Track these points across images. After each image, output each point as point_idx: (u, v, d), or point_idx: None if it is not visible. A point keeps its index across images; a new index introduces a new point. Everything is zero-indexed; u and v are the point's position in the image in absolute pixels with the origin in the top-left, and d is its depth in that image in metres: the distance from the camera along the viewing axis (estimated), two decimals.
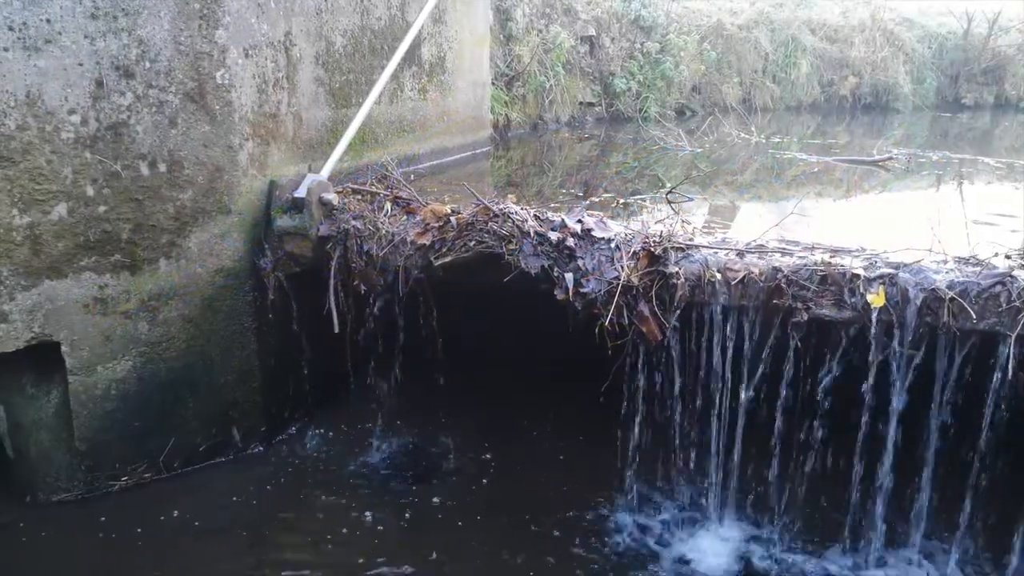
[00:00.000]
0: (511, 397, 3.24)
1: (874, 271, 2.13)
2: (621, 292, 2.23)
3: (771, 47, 8.24)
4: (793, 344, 2.19)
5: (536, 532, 2.52)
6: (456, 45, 4.14)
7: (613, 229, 2.41)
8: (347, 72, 3.20)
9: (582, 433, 3.03)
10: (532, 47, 5.82)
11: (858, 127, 7.63)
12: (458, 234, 2.46)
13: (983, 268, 2.09)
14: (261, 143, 2.74)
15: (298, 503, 2.66)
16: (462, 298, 2.77)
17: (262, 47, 2.69)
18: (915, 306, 2.05)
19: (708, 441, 2.41)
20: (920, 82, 9.05)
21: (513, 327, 2.99)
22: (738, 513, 2.52)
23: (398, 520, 2.57)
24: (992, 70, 9.43)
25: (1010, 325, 1.98)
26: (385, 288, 2.61)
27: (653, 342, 2.26)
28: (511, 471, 2.88)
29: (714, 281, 2.22)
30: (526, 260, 2.31)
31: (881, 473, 2.25)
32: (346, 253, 2.65)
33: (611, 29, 6.81)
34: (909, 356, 2.11)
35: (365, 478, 2.83)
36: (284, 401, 3.05)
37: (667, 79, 7.14)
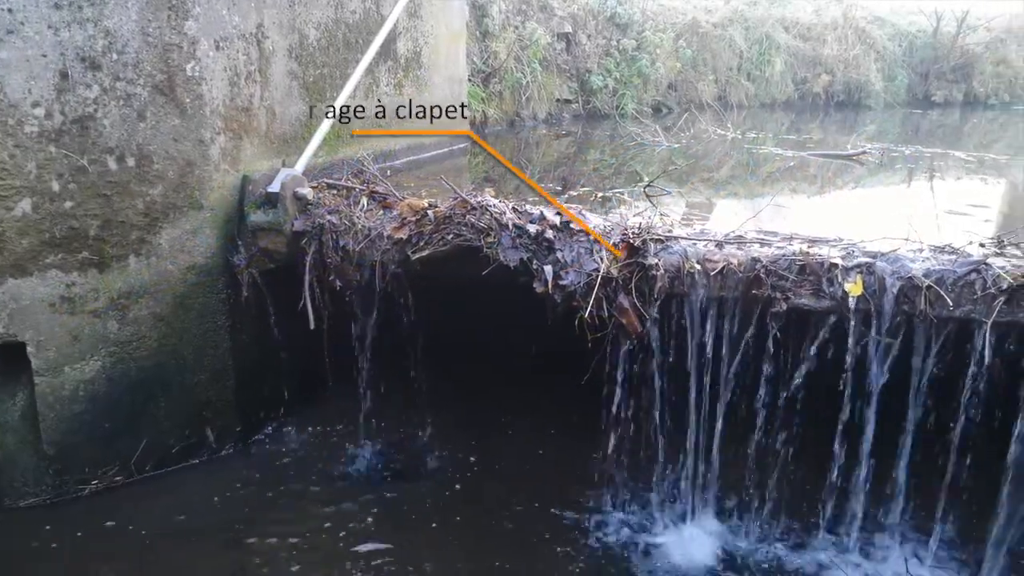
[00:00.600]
0: (491, 391, 3.22)
1: (852, 260, 2.13)
2: (600, 284, 2.22)
3: (745, 45, 8.31)
4: (772, 334, 2.19)
5: (517, 528, 2.50)
6: (432, 40, 4.11)
7: (592, 221, 2.39)
8: (321, 66, 3.15)
9: (563, 427, 3.02)
10: (509, 44, 5.80)
11: (831, 124, 7.71)
12: (436, 228, 2.43)
13: (958, 256, 2.11)
14: (233, 137, 2.69)
15: (275, 504, 2.61)
16: (441, 292, 2.74)
17: (233, 39, 2.64)
18: (892, 294, 2.06)
19: (688, 433, 2.40)
20: (891, 79, 9.18)
21: (493, 321, 2.97)
22: (719, 504, 2.51)
23: (378, 519, 2.54)
24: (961, 68, 9.60)
25: (985, 312, 1.99)
26: (362, 283, 2.57)
27: (633, 334, 2.25)
28: (492, 467, 2.85)
29: (693, 272, 2.22)
30: (505, 253, 2.29)
31: (860, 460, 2.26)
32: (321, 248, 2.60)
33: (587, 26, 6.82)
34: (887, 344, 2.12)
35: (344, 477, 2.79)
36: (260, 400, 2.99)
37: (643, 76, 7.17)
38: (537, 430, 3.05)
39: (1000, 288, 1.97)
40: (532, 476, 2.78)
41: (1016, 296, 1.97)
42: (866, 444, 2.24)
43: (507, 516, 2.56)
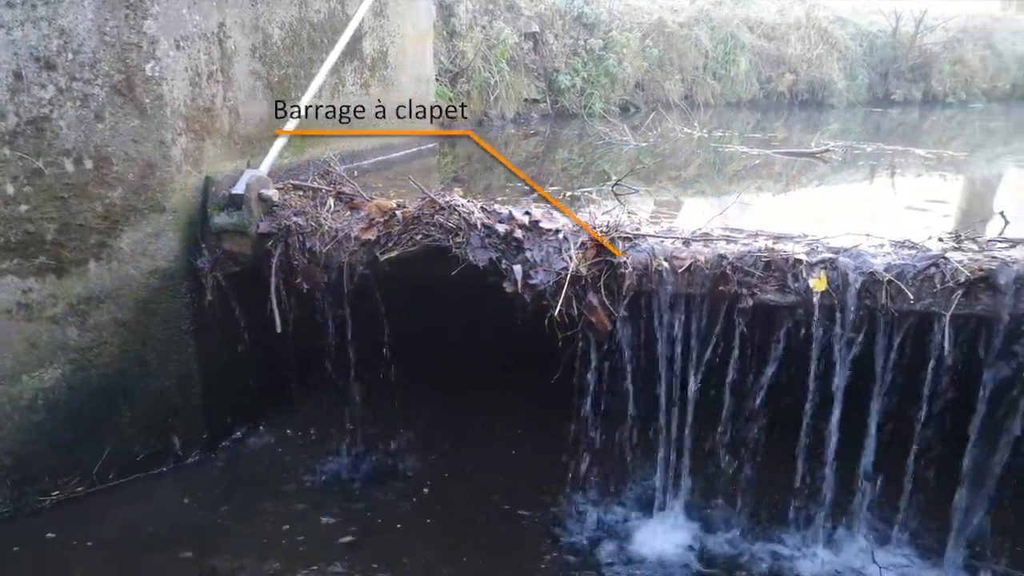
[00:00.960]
0: (464, 392, 3.21)
1: (816, 256, 2.17)
2: (570, 283, 2.22)
3: (711, 45, 8.39)
4: (739, 330, 2.21)
5: (492, 528, 2.49)
6: (399, 40, 4.08)
7: (560, 220, 2.40)
8: (286, 66, 3.11)
9: (535, 426, 3.02)
10: (476, 43, 5.79)
11: (796, 122, 7.83)
12: (404, 228, 2.41)
13: (918, 251, 2.15)
14: (196, 138, 2.64)
15: (244, 511, 2.57)
16: (411, 293, 2.72)
17: (194, 38, 2.59)
18: (855, 289, 2.09)
19: (659, 430, 2.41)
20: (853, 79, 9.34)
21: (464, 321, 2.95)
22: (690, 501, 2.53)
23: (350, 523, 2.51)
24: (919, 67, 9.80)
25: (944, 305, 2.04)
26: (330, 285, 2.54)
27: (602, 332, 2.26)
28: (465, 467, 2.85)
29: (661, 269, 2.23)
30: (474, 253, 2.28)
31: (826, 453, 2.29)
32: (288, 250, 2.57)
33: (554, 26, 6.83)
34: (851, 338, 2.15)
35: (315, 482, 2.76)
36: (227, 406, 2.94)
37: (611, 76, 7.20)
38: (510, 430, 3.05)
39: (958, 281, 2.02)
40: (506, 476, 2.78)
41: (973, 289, 2.02)
42: (832, 437, 2.27)
43: (481, 516, 2.55)
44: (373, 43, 3.83)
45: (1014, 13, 11.86)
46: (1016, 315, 1.98)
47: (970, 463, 2.16)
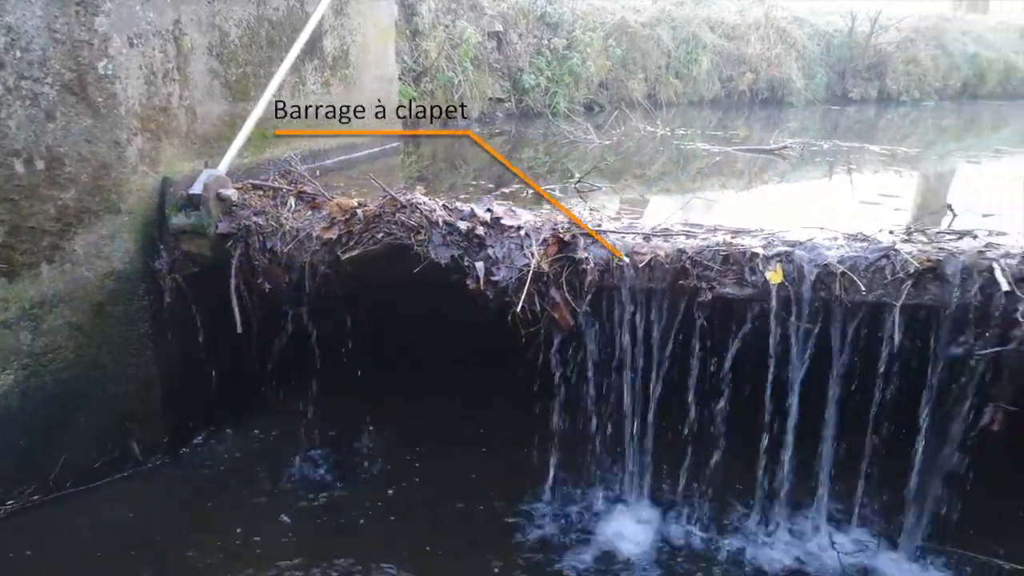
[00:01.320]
0: (429, 391, 3.20)
1: (772, 249, 2.21)
2: (532, 279, 2.23)
3: (673, 44, 8.50)
4: (699, 323, 2.25)
5: (461, 527, 2.49)
6: (360, 38, 4.05)
7: (522, 217, 2.41)
8: (244, 64, 3.07)
9: (502, 423, 3.02)
10: (439, 42, 5.78)
11: (756, 121, 7.96)
12: (365, 227, 2.40)
13: (870, 243, 2.21)
14: (152, 138, 2.60)
15: (207, 516, 2.54)
16: (374, 292, 2.70)
17: (149, 36, 2.55)
18: (810, 281, 2.14)
19: (623, 424, 2.44)
20: (811, 77, 9.53)
21: (428, 319, 2.95)
22: (655, 493, 2.57)
23: (319, 526, 2.49)
24: (875, 66, 10.05)
25: (895, 295, 2.09)
26: (291, 286, 2.52)
27: (565, 328, 2.28)
28: (434, 466, 2.84)
29: (622, 265, 2.26)
30: (435, 250, 2.28)
31: (786, 443, 2.34)
32: (248, 251, 2.54)
33: (518, 25, 6.85)
34: (807, 329, 2.20)
35: (281, 485, 2.73)
36: (189, 410, 2.90)
37: (575, 75, 7.24)
38: (476, 427, 3.05)
39: (908, 272, 2.08)
40: (473, 473, 2.78)
41: (922, 279, 2.08)
42: (791, 427, 2.32)
43: (449, 514, 2.55)
44: (334, 42, 3.81)
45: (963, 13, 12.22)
46: (963, 304, 2.04)
47: (922, 449, 2.22)
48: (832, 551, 2.36)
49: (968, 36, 10.93)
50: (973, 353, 2.04)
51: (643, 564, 2.33)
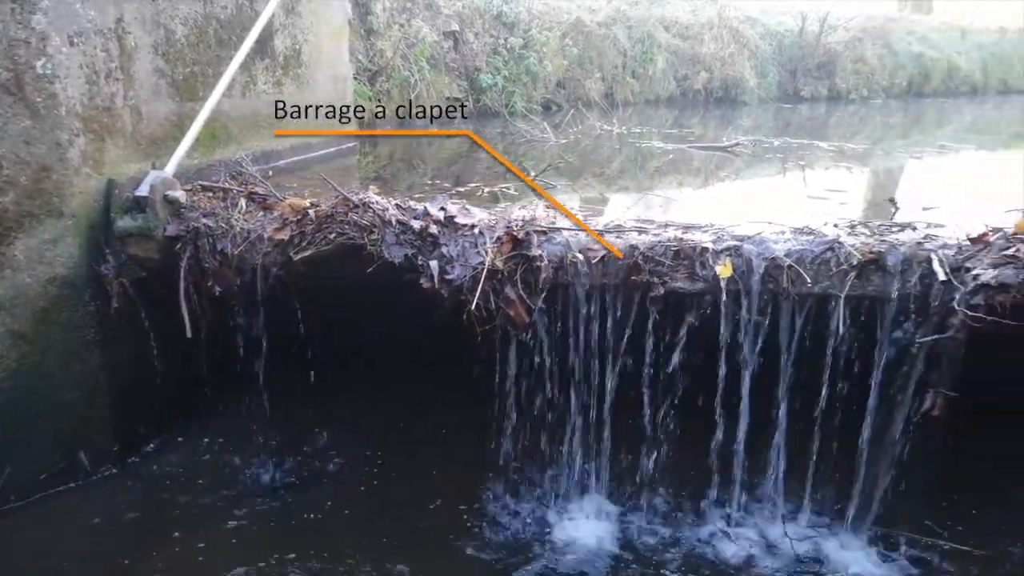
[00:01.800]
0: (386, 391, 3.18)
1: (721, 244, 2.25)
2: (486, 277, 2.24)
3: (629, 44, 8.58)
4: (652, 318, 2.28)
5: (420, 527, 2.48)
6: (312, 37, 4.01)
7: (476, 215, 2.41)
8: (191, 63, 3.01)
9: (460, 422, 3.02)
10: (394, 42, 5.75)
11: (711, 119, 8.09)
12: (317, 227, 2.38)
13: (815, 236, 2.26)
14: (95, 139, 2.53)
15: (161, 525, 2.48)
16: (328, 293, 2.68)
17: (90, 34, 2.48)
18: (759, 274, 2.18)
19: (580, 419, 2.46)
20: (764, 76, 9.72)
21: (384, 319, 2.93)
22: (612, 487, 2.59)
23: (276, 530, 2.46)
24: (824, 65, 10.29)
25: (840, 287, 2.15)
26: (243, 288, 2.48)
27: (520, 325, 2.28)
28: (390, 466, 2.83)
29: (576, 262, 2.27)
30: (389, 250, 2.27)
31: (739, 434, 2.38)
32: (197, 253, 2.49)
33: (474, 24, 6.85)
34: (757, 321, 2.25)
35: (237, 491, 2.68)
36: (140, 416, 2.83)
37: (532, 74, 7.27)
38: (433, 426, 3.04)
39: (851, 264, 2.14)
40: (431, 471, 2.78)
41: (865, 271, 2.15)
42: (743, 419, 2.37)
43: (408, 513, 2.54)
44: (286, 40, 3.76)
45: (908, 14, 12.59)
46: (903, 294, 2.11)
47: (869, 435, 2.29)
48: (786, 539, 2.41)
49: (913, 36, 11.28)
50: (914, 341, 2.11)
51: (601, 559, 2.35)
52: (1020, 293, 1.94)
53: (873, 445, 2.29)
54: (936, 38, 11.57)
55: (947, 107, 9.91)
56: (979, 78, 11.75)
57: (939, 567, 2.30)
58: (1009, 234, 2.10)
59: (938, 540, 2.41)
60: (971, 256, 2.09)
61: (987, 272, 2.00)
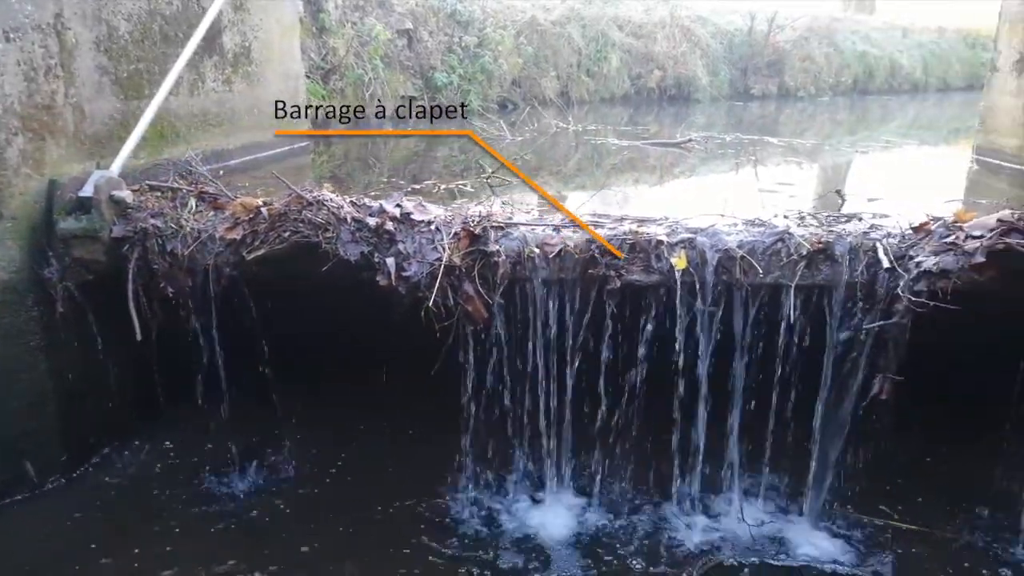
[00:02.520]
0: (346, 390, 3.14)
1: (676, 236, 2.28)
2: (444, 273, 2.23)
3: (583, 42, 8.65)
4: (610, 311, 2.30)
5: (383, 526, 2.46)
6: (263, 34, 3.94)
7: (433, 212, 2.40)
8: (136, 60, 2.93)
9: (421, 420, 3.01)
10: (347, 39, 5.69)
11: (666, 117, 8.20)
12: (271, 226, 2.33)
13: (766, 228, 2.31)
14: (35, 138, 2.44)
15: (112, 536, 2.40)
16: (284, 293, 2.63)
17: (27, 30, 2.39)
18: (712, 266, 2.22)
19: (540, 413, 2.47)
20: (715, 75, 9.91)
21: (342, 318, 2.89)
22: (574, 480, 2.61)
23: (235, 536, 2.41)
24: (774, 64, 10.53)
25: (791, 276, 2.20)
26: (195, 289, 2.43)
27: (479, 320, 2.28)
28: (352, 466, 2.80)
29: (533, 256, 2.28)
30: (344, 247, 2.24)
31: (697, 423, 2.42)
32: (146, 254, 2.43)
33: (428, 23, 6.82)
34: (711, 312, 2.28)
35: (194, 497, 2.62)
36: (89, 424, 2.74)
37: (487, 73, 7.27)
38: (396, 425, 3.02)
39: (801, 254, 2.19)
40: (393, 470, 2.76)
41: (815, 260, 2.20)
42: (701, 408, 2.40)
43: (372, 514, 2.52)
44: (235, 37, 3.68)
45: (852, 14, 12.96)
46: (851, 282, 2.17)
47: (820, 420, 2.35)
48: (744, 524, 2.46)
49: (857, 35, 11.62)
50: (862, 328, 2.17)
51: (565, 550, 2.36)
52: (960, 279, 2.02)
53: (825, 430, 2.35)
54: (879, 37, 11.94)
55: (891, 104, 10.23)
56: (920, 76, 12.17)
57: (889, 545, 2.38)
58: (949, 223, 2.18)
59: (890, 520, 2.49)
60: (914, 244, 2.17)
61: (929, 259, 2.07)
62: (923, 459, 2.80)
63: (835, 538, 2.43)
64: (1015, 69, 3.98)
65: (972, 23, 12.83)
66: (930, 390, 2.47)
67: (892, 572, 2.26)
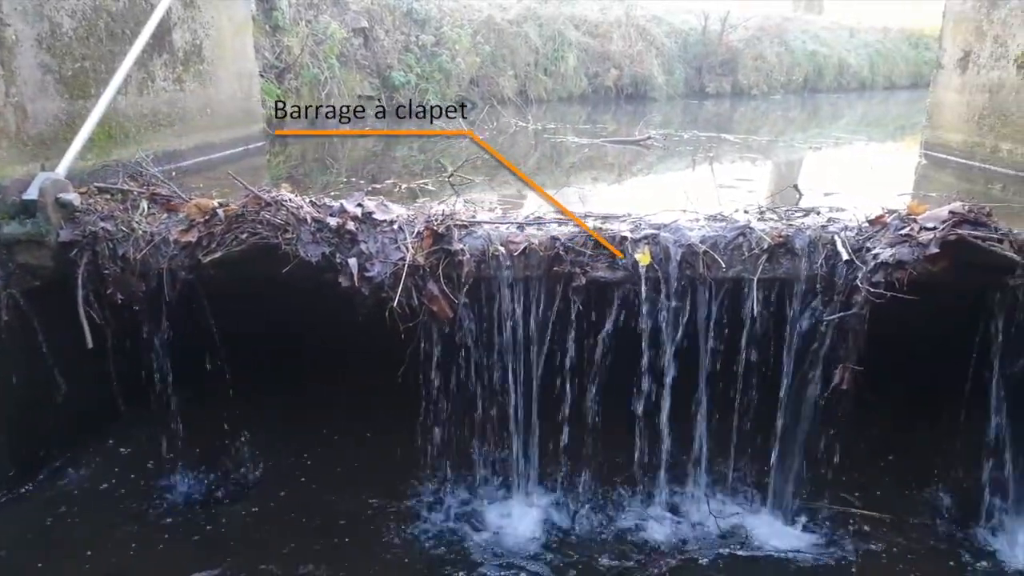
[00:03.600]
0: (310, 395, 3.08)
1: (639, 232, 2.29)
2: (408, 273, 2.19)
3: (540, 42, 8.67)
4: (575, 308, 2.29)
5: (347, 531, 2.42)
6: (214, 32, 3.84)
7: (395, 211, 2.36)
8: (81, 59, 2.83)
9: (385, 423, 2.96)
10: (302, 38, 5.59)
11: (623, 115, 8.27)
12: (227, 227, 2.27)
13: (728, 223, 2.34)
14: None
15: (63, 551, 2.30)
16: (243, 297, 2.56)
17: None
18: (676, 261, 2.23)
19: (506, 413, 2.45)
20: (671, 73, 10.03)
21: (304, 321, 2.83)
22: (541, 479, 2.59)
23: (194, 547, 2.34)
24: (727, 62, 10.71)
25: (752, 270, 2.23)
26: (148, 294, 2.34)
27: (444, 320, 2.25)
28: (315, 469, 2.75)
29: (498, 255, 2.26)
30: (305, 248, 2.19)
31: (662, 420, 2.43)
32: (96, 259, 2.34)
33: (384, 21, 6.75)
34: (676, 308, 2.30)
35: (150, 509, 2.54)
36: (39, 437, 2.63)
37: (445, 72, 7.23)
38: (361, 430, 2.97)
39: (762, 248, 2.22)
40: (359, 474, 2.71)
41: (776, 254, 2.23)
42: (666, 403, 2.41)
43: (337, 518, 2.47)
44: (185, 35, 3.58)
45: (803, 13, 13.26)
46: (811, 275, 2.21)
47: (783, 412, 2.38)
48: (711, 517, 2.48)
49: (807, 35, 11.89)
50: (822, 319, 2.21)
51: (532, 549, 2.35)
52: (915, 269, 2.06)
53: (788, 421, 2.39)
54: (828, 37, 12.24)
55: (840, 102, 10.49)
56: (867, 75, 12.51)
57: (853, 532, 2.42)
58: (903, 215, 2.23)
59: (851, 508, 2.54)
60: (870, 237, 2.21)
61: (885, 251, 2.12)
62: (884, 448, 2.86)
63: (800, 528, 2.47)
64: (959, 66, 4.11)
65: (915, 23, 13.26)
66: (890, 380, 2.52)
67: (856, 560, 2.31)
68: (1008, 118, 3.70)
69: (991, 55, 3.81)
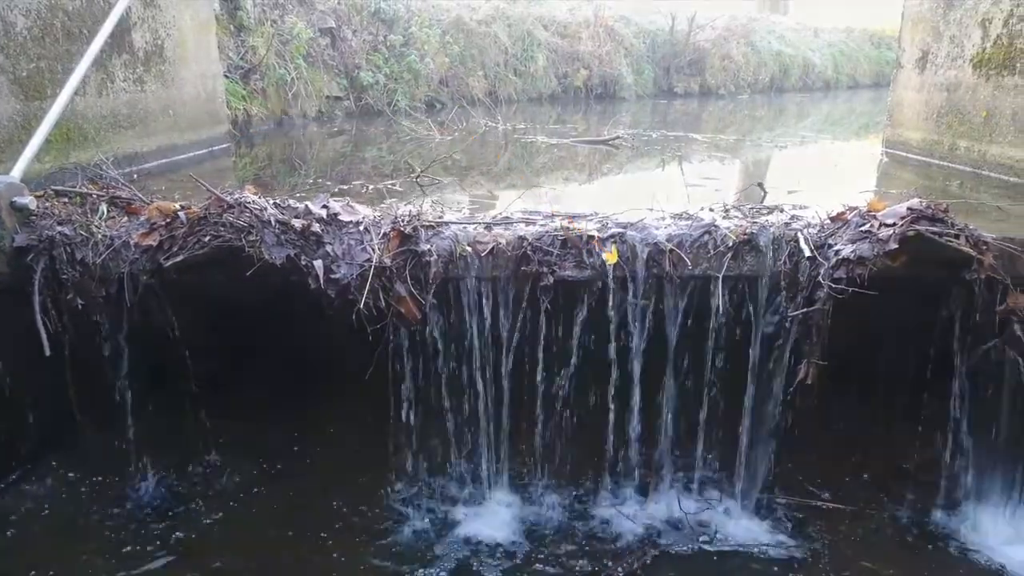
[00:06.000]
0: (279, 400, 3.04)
1: (606, 231, 2.30)
2: (375, 274, 2.18)
3: (510, 42, 8.67)
4: (544, 307, 2.29)
5: (319, 534, 2.40)
6: (176, 32, 3.77)
7: (361, 212, 2.34)
8: (36, 59, 2.76)
9: (356, 426, 2.93)
10: (267, 38, 5.52)
11: (593, 115, 8.31)
12: (190, 230, 2.23)
13: (693, 221, 2.36)
14: None
15: (25, 564, 2.24)
16: (208, 300, 2.52)
17: None
18: (643, 259, 2.25)
19: (477, 413, 2.44)
20: (640, 73, 10.10)
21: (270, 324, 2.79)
22: (512, 478, 2.59)
23: (165, 553, 2.30)
24: (695, 62, 10.81)
25: (718, 268, 2.25)
26: (108, 299, 2.30)
27: (412, 321, 2.24)
28: (286, 474, 2.71)
29: (465, 255, 2.26)
30: (269, 251, 2.16)
31: (631, 418, 2.45)
32: (54, 264, 2.28)
33: (352, 21, 6.69)
34: (643, 306, 2.31)
35: (112, 521, 2.48)
36: None
37: (414, 72, 7.19)
38: (331, 432, 2.94)
39: (728, 246, 2.24)
40: (329, 477, 2.68)
41: (740, 251, 2.26)
42: (635, 401, 2.43)
43: (307, 523, 2.44)
44: (146, 35, 3.52)
45: (768, 14, 13.44)
46: (775, 272, 2.23)
47: (751, 407, 2.41)
48: (680, 513, 2.50)
49: (773, 35, 12.05)
50: (787, 315, 2.24)
51: (506, 548, 2.35)
52: (876, 265, 2.10)
53: (755, 416, 2.42)
54: (793, 37, 12.42)
55: (805, 101, 10.65)
56: (831, 74, 12.72)
57: (818, 525, 2.46)
58: (864, 212, 2.27)
59: (817, 501, 2.57)
60: (832, 233, 2.25)
61: (847, 247, 2.15)
62: (848, 441, 2.90)
63: (766, 521, 2.50)
64: (918, 66, 4.20)
65: (877, 24, 13.52)
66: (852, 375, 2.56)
67: (822, 551, 2.34)
68: (964, 116, 3.79)
69: (948, 55, 3.90)
